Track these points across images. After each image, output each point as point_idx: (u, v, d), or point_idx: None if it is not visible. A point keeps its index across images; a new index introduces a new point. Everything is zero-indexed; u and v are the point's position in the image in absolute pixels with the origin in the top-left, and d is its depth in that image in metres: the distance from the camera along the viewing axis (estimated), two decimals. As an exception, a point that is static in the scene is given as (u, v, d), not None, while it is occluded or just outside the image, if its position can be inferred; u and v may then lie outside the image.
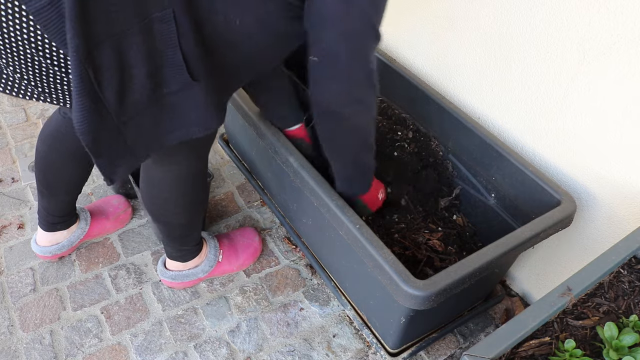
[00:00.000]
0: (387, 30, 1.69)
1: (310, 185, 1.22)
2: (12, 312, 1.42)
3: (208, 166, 1.32)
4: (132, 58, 0.78)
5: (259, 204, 1.79)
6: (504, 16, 1.26)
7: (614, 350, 0.78)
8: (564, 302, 0.82)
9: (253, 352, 1.38)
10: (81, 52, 0.71)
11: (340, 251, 1.34)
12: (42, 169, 1.35)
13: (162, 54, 0.80)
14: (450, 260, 1.36)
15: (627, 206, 1.16)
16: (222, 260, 1.51)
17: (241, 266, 1.55)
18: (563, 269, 1.37)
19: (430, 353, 1.41)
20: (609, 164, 1.16)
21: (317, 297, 1.52)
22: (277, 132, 1.34)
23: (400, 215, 1.50)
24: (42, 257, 1.52)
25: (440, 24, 1.47)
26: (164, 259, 1.48)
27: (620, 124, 1.10)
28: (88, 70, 0.74)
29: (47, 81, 0.83)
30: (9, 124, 2.01)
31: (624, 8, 1.01)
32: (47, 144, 1.32)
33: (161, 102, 0.86)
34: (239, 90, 1.46)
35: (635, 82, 1.04)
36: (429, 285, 1.00)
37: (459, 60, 1.45)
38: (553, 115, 1.24)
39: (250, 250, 1.56)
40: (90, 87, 0.75)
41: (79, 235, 1.54)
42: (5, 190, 1.75)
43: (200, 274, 1.47)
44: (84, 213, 1.57)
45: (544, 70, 1.22)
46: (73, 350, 1.35)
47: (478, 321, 1.49)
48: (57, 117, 1.30)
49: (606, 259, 0.89)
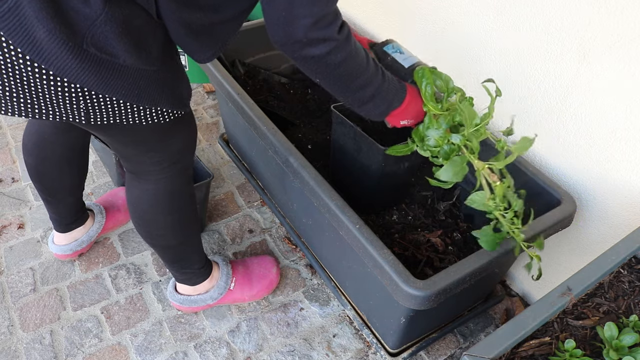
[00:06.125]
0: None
1: (310, 185, 1.22)
2: (12, 312, 1.42)
3: (208, 166, 1.32)
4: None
5: (259, 204, 1.79)
6: (504, 16, 1.26)
7: (614, 350, 0.78)
8: (564, 302, 0.82)
9: (253, 352, 1.38)
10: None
11: (340, 251, 1.34)
12: (38, 180, 1.34)
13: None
14: (450, 260, 1.36)
15: (627, 206, 1.16)
16: (233, 288, 1.44)
17: (254, 297, 1.47)
18: (563, 269, 1.37)
19: (430, 353, 1.41)
20: (609, 164, 1.16)
21: (317, 297, 1.52)
22: (277, 132, 1.34)
23: (400, 215, 1.50)
24: (62, 256, 1.52)
25: (435, 28, 1.47)
26: (174, 281, 1.44)
27: (620, 124, 1.10)
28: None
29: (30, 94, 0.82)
30: (9, 124, 2.01)
31: (624, 8, 1.01)
32: (34, 156, 1.30)
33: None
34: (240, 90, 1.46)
35: (635, 82, 1.04)
36: (429, 285, 1.00)
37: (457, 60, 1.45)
38: (553, 115, 1.24)
39: (265, 282, 1.48)
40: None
41: (97, 229, 1.55)
42: (5, 190, 1.75)
43: (209, 301, 1.41)
44: (98, 207, 1.57)
45: (544, 70, 1.22)
46: (73, 350, 1.35)
47: (478, 321, 1.49)
48: (36, 128, 1.27)
49: (606, 259, 0.89)
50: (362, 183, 1.43)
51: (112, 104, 0.88)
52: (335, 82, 0.96)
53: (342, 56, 0.90)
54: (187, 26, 0.89)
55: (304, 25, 0.83)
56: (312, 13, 0.82)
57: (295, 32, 0.84)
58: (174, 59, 0.97)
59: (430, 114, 1.08)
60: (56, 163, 1.31)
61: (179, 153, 1.12)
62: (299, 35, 0.85)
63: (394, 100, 1.05)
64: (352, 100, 1.02)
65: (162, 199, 1.16)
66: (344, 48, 0.90)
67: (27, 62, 0.78)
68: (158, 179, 1.13)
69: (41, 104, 0.84)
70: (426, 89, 1.08)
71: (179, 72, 0.99)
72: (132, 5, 0.81)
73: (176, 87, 0.97)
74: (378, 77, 1.01)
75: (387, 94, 1.03)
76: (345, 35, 0.90)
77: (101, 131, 0.99)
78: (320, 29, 0.85)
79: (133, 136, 1.01)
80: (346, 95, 1.00)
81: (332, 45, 0.88)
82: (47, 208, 1.44)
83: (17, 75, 0.79)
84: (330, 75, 0.94)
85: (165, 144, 1.07)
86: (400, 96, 1.06)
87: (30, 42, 0.75)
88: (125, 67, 0.84)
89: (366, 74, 0.98)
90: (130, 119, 0.93)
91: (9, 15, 0.73)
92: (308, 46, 0.86)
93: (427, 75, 1.08)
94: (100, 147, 1.72)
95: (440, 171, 1.04)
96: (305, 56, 0.88)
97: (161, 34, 0.89)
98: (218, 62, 1.57)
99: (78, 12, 0.76)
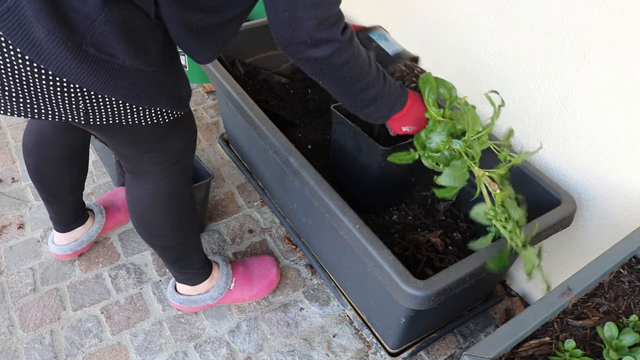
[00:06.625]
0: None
1: (311, 185, 1.22)
2: (12, 312, 1.42)
3: (208, 166, 1.32)
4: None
5: (259, 204, 1.79)
6: (504, 16, 1.26)
7: (614, 350, 0.78)
8: (564, 302, 0.82)
9: (253, 352, 1.38)
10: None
11: (340, 251, 1.34)
12: (38, 180, 1.34)
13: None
14: (450, 260, 1.36)
15: (627, 206, 1.16)
16: (233, 288, 1.44)
17: (254, 297, 1.47)
18: (563, 269, 1.37)
19: (430, 353, 1.41)
20: (609, 163, 1.16)
21: (317, 297, 1.52)
22: (277, 132, 1.34)
23: (400, 215, 1.50)
24: (62, 256, 1.52)
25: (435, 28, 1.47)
26: (174, 281, 1.44)
27: (620, 124, 1.10)
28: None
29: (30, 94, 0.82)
30: (9, 124, 2.01)
31: (624, 8, 1.01)
32: (34, 155, 1.30)
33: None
34: (240, 90, 1.46)
35: (635, 82, 1.04)
36: (429, 285, 1.00)
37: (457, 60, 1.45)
38: (553, 115, 1.24)
39: (265, 282, 1.48)
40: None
41: (97, 229, 1.55)
42: (5, 190, 1.75)
43: (209, 301, 1.41)
44: (98, 207, 1.57)
45: (544, 70, 1.22)
46: (73, 350, 1.35)
47: (478, 321, 1.49)
48: (36, 127, 1.28)
49: (606, 259, 0.89)
50: (362, 183, 1.43)
51: (112, 105, 0.88)
52: (339, 84, 0.96)
53: (345, 57, 0.91)
54: (188, 27, 0.89)
55: (308, 27, 0.84)
56: (316, 15, 0.83)
57: (299, 33, 0.85)
58: (173, 59, 0.97)
59: (433, 120, 1.08)
60: (56, 163, 1.31)
61: (179, 153, 1.12)
62: (303, 37, 0.85)
63: (396, 104, 1.05)
64: (354, 103, 1.02)
65: (162, 199, 1.16)
66: (347, 49, 0.91)
67: (27, 62, 0.78)
68: (158, 179, 1.13)
69: (40, 104, 0.84)
70: (429, 95, 1.07)
71: (178, 73, 0.99)
72: (131, 6, 0.81)
73: (176, 88, 0.97)
74: (380, 79, 1.01)
75: (389, 97, 1.03)
76: (349, 36, 0.90)
77: (101, 131, 0.99)
78: (324, 30, 0.86)
79: (133, 137, 1.01)
80: (349, 98, 1.01)
81: (336, 47, 0.88)
82: (47, 208, 1.44)
83: (16, 75, 0.79)
84: (333, 77, 0.94)
85: (165, 145, 1.07)
86: (402, 100, 1.06)
87: (30, 42, 0.75)
88: (125, 68, 0.84)
89: (369, 76, 0.98)
90: (129, 120, 0.93)
91: (8, 15, 0.73)
92: (312, 47, 0.87)
93: (430, 81, 1.08)
94: (100, 147, 1.72)
95: (442, 176, 1.03)
96: (309, 58, 0.89)
97: (160, 35, 0.89)
98: (218, 62, 1.57)
99: (77, 12, 0.76)
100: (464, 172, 1.03)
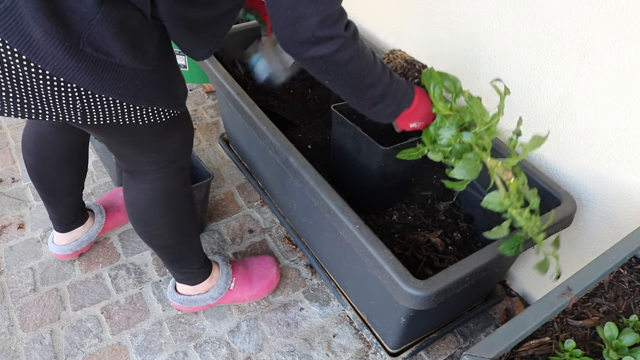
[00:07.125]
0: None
1: (311, 185, 1.22)
2: (12, 312, 1.42)
3: (208, 166, 1.32)
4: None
5: (259, 204, 1.79)
6: (504, 16, 1.26)
7: (614, 350, 0.78)
8: (564, 302, 0.82)
9: (253, 352, 1.38)
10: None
11: (340, 251, 1.34)
12: (38, 179, 1.34)
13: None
14: (450, 260, 1.36)
15: (627, 206, 1.16)
16: (233, 288, 1.44)
17: (254, 297, 1.47)
18: (563, 269, 1.37)
19: (430, 353, 1.41)
20: (609, 164, 1.16)
21: (317, 297, 1.52)
22: (277, 132, 1.34)
23: (400, 215, 1.50)
24: (62, 256, 1.52)
25: (435, 28, 1.47)
26: (174, 281, 1.44)
27: (620, 124, 1.10)
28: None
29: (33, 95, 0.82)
30: (9, 124, 2.01)
31: (624, 8, 1.01)
32: (34, 155, 1.30)
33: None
34: (240, 90, 1.46)
35: (635, 82, 1.04)
36: (429, 285, 1.00)
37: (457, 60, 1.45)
38: (553, 115, 1.24)
39: (265, 282, 1.48)
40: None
41: (97, 229, 1.55)
42: (5, 190, 1.75)
43: (208, 301, 1.41)
44: (98, 207, 1.57)
45: (544, 70, 1.22)
46: (73, 350, 1.35)
47: (478, 321, 1.49)
48: (35, 127, 1.28)
49: (606, 259, 0.89)
50: (362, 183, 1.43)
51: (109, 104, 0.88)
52: (345, 82, 0.96)
53: (350, 53, 0.91)
54: (184, 23, 0.90)
55: (311, 24, 0.84)
56: (318, 11, 0.83)
57: (302, 31, 0.84)
58: (170, 58, 0.97)
59: (440, 114, 1.08)
60: (56, 162, 1.31)
61: (176, 153, 1.12)
62: (307, 34, 0.85)
63: (404, 101, 1.05)
64: (362, 102, 1.01)
65: (160, 199, 1.16)
66: (352, 45, 0.91)
67: (24, 62, 0.78)
68: (155, 179, 1.13)
69: (37, 104, 0.84)
70: (434, 90, 1.07)
71: (175, 72, 0.99)
72: (127, 6, 0.81)
73: (172, 87, 0.97)
74: (386, 75, 1.00)
75: (396, 94, 1.03)
76: (352, 32, 0.91)
77: (98, 131, 0.99)
78: (327, 27, 0.85)
79: (130, 136, 1.01)
80: (356, 96, 1.00)
81: (340, 43, 0.88)
82: (47, 208, 1.44)
83: (13, 75, 0.79)
84: (339, 74, 0.93)
85: (161, 144, 1.07)
86: (410, 96, 1.05)
87: (27, 42, 0.75)
88: (122, 67, 0.84)
89: (374, 72, 0.97)
90: (126, 119, 0.93)
91: (5, 15, 0.73)
92: (316, 45, 0.87)
93: (434, 76, 1.07)
94: (100, 147, 1.72)
95: (455, 169, 1.03)
96: (314, 56, 0.89)
97: (157, 34, 0.89)
98: (218, 62, 1.57)
99: (74, 12, 0.76)
100: (477, 165, 1.02)
